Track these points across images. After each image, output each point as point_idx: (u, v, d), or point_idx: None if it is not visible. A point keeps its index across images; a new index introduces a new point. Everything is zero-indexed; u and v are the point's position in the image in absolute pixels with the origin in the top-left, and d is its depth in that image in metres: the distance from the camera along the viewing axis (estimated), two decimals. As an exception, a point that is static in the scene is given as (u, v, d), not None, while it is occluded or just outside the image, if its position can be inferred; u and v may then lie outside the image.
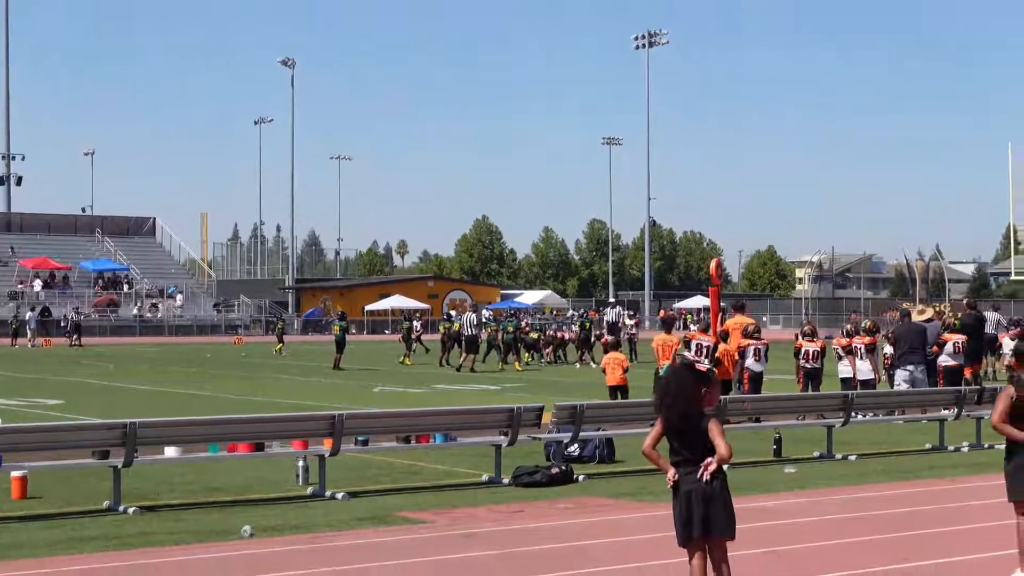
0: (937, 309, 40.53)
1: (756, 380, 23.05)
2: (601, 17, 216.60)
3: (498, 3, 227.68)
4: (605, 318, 55.45)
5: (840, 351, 24.64)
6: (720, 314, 25.87)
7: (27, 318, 67.67)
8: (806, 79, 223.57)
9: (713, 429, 8.16)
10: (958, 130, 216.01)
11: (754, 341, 23.23)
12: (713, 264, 28.21)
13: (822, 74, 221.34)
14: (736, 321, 24.30)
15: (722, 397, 15.95)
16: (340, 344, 42.32)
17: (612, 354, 23.50)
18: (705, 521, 8.09)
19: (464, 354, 41.86)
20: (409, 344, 47.76)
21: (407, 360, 46.30)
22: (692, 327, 26.17)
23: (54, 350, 60.03)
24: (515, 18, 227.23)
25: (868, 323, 26.34)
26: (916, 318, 26.03)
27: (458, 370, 40.81)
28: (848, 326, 26.57)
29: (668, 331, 24.02)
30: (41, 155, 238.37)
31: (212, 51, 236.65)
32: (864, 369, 24.13)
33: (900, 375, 24.05)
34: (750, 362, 23.02)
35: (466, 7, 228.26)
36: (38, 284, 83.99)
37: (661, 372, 22.82)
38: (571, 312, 76.66)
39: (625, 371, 22.97)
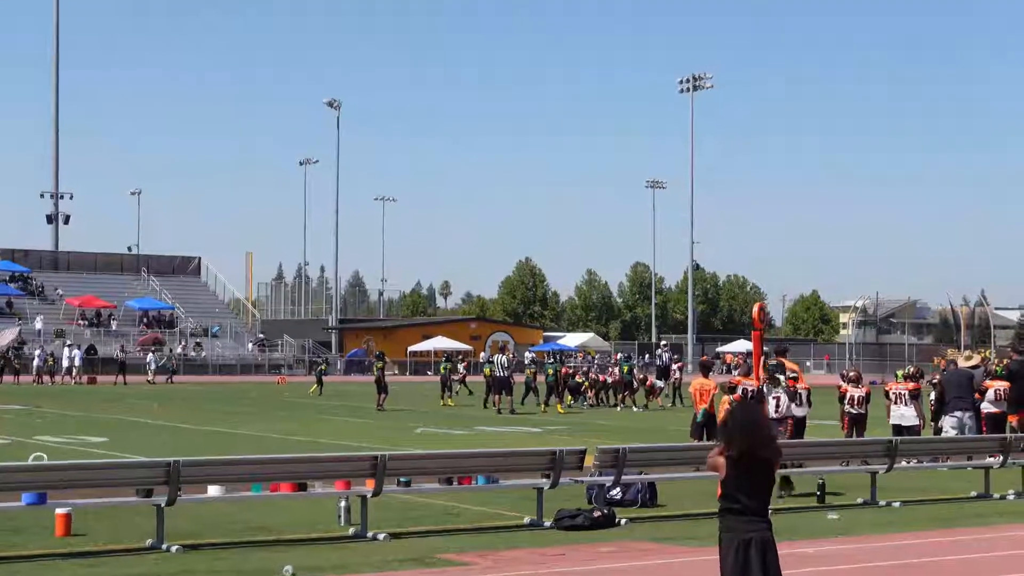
0: (983, 355, 40.19)
1: (799, 425, 22.92)
2: (646, 60, 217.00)
3: (542, 47, 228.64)
4: (657, 362, 55.26)
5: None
6: (762, 359, 25.72)
7: (73, 356, 68.10)
8: (850, 123, 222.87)
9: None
10: (1004, 174, 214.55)
11: (794, 384, 23.10)
12: (756, 308, 28.02)
13: (867, 118, 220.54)
14: (778, 366, 24.16)
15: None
16: (379, 384, 42.40)
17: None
18: (764, 570, 8.00)
19: (499, 396, 41.82)
20: (448, 385, 47.74)
21: (449, 401, 46.34)
22: (734, 372, 26.04)
23: (100, 388, 60.36)
24: (559, 61, 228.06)
25: (912, 368, 26.14)
26: (963, 364, 25.83)
27: (499, 412, 40.79)
28: (900, 372, 26.26)
29: (706, 375, 23.97)
30: (88, 194, 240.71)
31: (258, 92, 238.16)
32: (909, 415, 23.93)
33: (949, 422, 23.87)
34: (792, 407, 22.88)
35: (509, 51, 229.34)
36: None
37: (698, 417, 22.85)
38: (620, 354, 76.37)
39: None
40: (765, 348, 26.60)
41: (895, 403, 23.99)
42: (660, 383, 48.79)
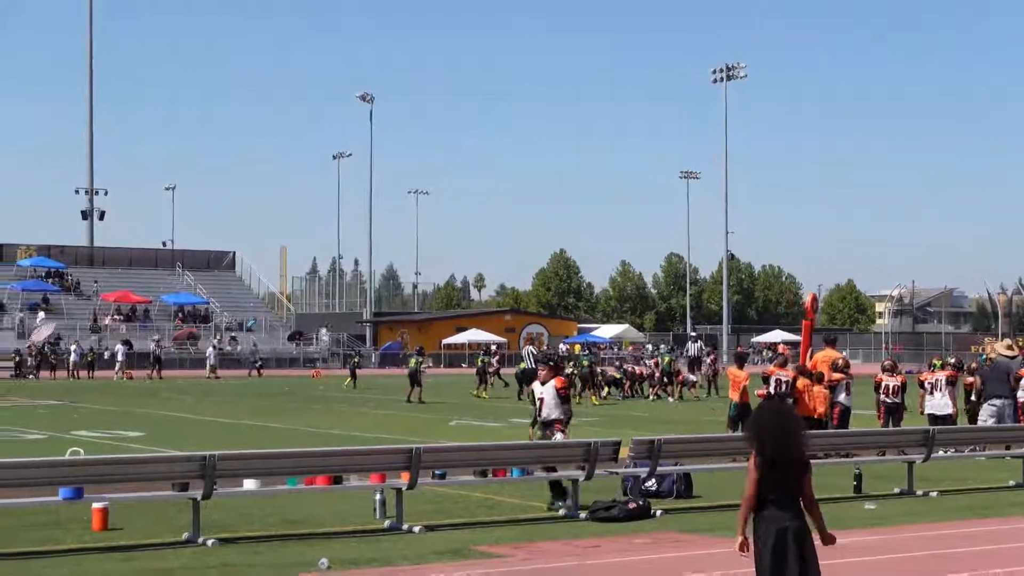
0: (1021, 344, 39.92)
1: (844, 415, 22.87)
2: (679, 51, 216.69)
3: (575, 38, 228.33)
4: (687, 352, 55.18)
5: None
6: (809, 348, 25.61)
7: (116, 351, 68.41)
8: (884, 112, 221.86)
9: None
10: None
11: (844, 376, 23.07)
12: (809, 298, 28.02)
13: (901, 107, 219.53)
14: (825, 355, 24.07)
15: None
16: (413, 378, 42.52)
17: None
18: (802, 560, 7.96)
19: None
20: (484, 378, 47.76)
21: (483, 393, 46.35)
22: (769, 364, 25.94)
23: (135, 383, 60.61)
24: (592, 53, 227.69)
25: (952, 359, 25.91)
26: (1003, 352, 25.66)
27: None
28: (935, 360, 26.07)
29: (740, 366, 23.90)
30: (123, 190, 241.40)
31: (291, 86, 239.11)
32: (943, 404, 23.77)
33: (987, 410, 23.73)
34: (842, 396, 22.85)
35: (542, 42, 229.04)
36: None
37: (730, 411, 22.82)
38: (662, 346, 76.13)
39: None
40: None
41: (930, 393, 23.86)
42: (692, 376, 48.72)
